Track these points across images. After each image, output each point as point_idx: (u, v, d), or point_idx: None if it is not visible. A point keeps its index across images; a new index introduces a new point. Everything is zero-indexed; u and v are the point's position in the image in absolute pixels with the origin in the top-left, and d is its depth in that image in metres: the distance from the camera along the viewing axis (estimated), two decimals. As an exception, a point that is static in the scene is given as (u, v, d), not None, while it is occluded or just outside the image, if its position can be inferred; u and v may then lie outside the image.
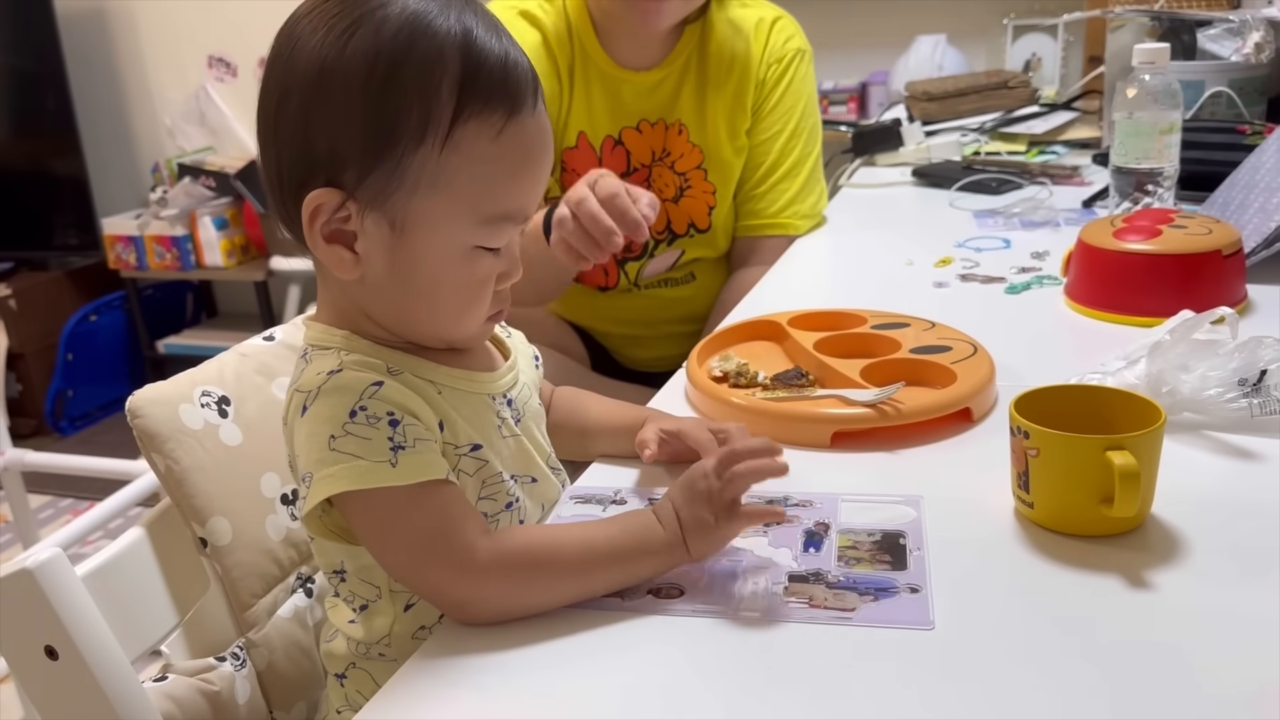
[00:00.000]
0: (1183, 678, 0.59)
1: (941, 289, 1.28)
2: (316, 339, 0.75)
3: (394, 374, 0.71)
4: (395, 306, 0.73)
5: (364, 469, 0.66)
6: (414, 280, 0.72)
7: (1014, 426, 0.74)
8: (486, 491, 0.75)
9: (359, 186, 0.68)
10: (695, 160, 1.46)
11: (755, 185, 1.50)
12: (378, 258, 0.71)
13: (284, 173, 0.71)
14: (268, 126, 0.71)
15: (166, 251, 3.32)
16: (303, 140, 0.69)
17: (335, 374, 0.69)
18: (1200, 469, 0.82)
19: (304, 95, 0.68)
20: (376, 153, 0.68)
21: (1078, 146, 1.95)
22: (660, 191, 1.46)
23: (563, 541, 0.69)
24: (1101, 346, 0.99)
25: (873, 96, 2.75)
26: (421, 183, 0.69)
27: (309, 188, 0.69)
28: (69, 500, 2.80)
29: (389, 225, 0.70)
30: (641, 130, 1.44)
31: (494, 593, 0.67)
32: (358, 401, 0.68)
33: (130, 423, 0.78)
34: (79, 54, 3.40)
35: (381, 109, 0.67)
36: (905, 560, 0.71)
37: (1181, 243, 1.11)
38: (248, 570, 0.81)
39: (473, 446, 0.74)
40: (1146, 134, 1.32)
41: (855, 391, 0.93)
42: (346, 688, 0.77)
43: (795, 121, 1.49)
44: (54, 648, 0.68)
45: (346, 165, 0.68)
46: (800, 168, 1.51)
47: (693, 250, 1.51)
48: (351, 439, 0.67)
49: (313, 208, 0.69)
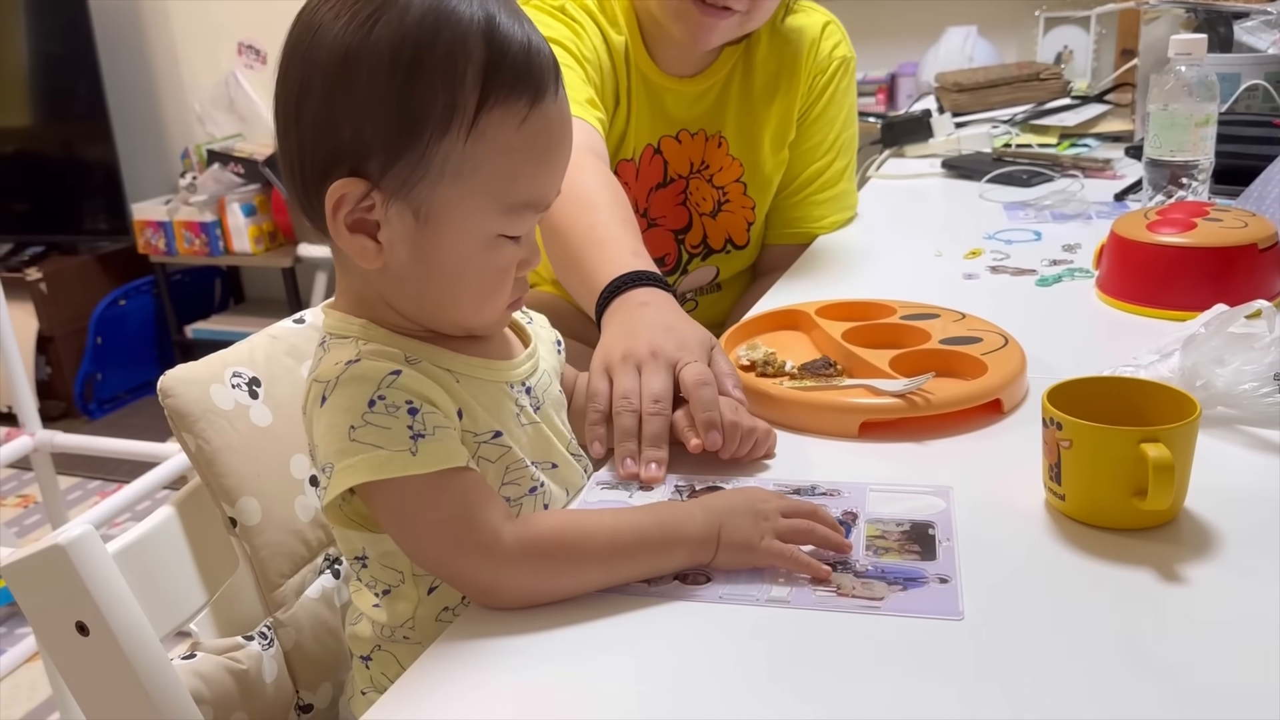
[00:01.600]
0: (1215, 672, 0.58)
1: (971, 281, 1.27)
2: (335, 327, 0.75)
3: (411, 363, 0.71)
4: (417, 295, 0.73)
5: (384, 458, 0.66)
6: (437, 269, 0.71)
7: (1047, 418, 0.73)
8: (510, 477, 0.75)
9: (384, 176, 0.68)
10: (734, 174, 1.42)
11: (792, 194, 1.47)
12: (401, 247, 0.70)
13: (305, 162, 0.70)
14: (288, 116, 0.70)
15: (195, 237, 3.34)
16: (325, 129, 0.68)
17: (353, 364, 0.69)
18: (1234, 464, 0.81)
19: (327, 84, 0.67)
20: (402, 142, 0.67)
21: (1110, 140, 1.93)
22: (697, 205, 1.42)
23: (591, 528, 0.69)
24: (1134, 340, 0.97)
25: (902, 88, 2.73)
26: (446, 172, 0.68)
27: (332, 177, 0.68)
28: (97, 482, 2.83)
29: (413, 215, 0.69)
30: (681, 140, 1.40)
31: (520, 578, 0.67)
32: (376, 391, 0.68)
33: (161, 402, 0.79)
34: (110, 41, 3.42)
35: (407, 97, 0.67)
36: (934, 550, 0.71)
37: (1217, 236, 1.09)
38: (276, 550, 0.82)
39: (494, 434, 0.74)
40: (1182, 126, 1.30)
41: (884, 381, 0.92)
42: (371, 669, 0.78)
43: (836, 132, 1.45)
44: (85, 623, 0.69)
45: (371, 154, 0.68)
46: (839, 180, 1.48)
47: (728, 267, 1.48)
48: (371, 429, 0.67)
49: (337, 197, 0.68)
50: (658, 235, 1.43)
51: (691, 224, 1.43)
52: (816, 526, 0.71)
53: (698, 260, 1.46)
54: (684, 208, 1.43)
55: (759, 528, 0.70)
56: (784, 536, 0.70)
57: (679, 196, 1.42)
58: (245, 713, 0.79)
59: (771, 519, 0.71)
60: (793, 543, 0.70)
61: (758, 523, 0.70)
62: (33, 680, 2.02)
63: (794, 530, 0.70)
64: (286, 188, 0.74)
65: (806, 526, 0.71)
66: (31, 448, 1.98)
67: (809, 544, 0.70)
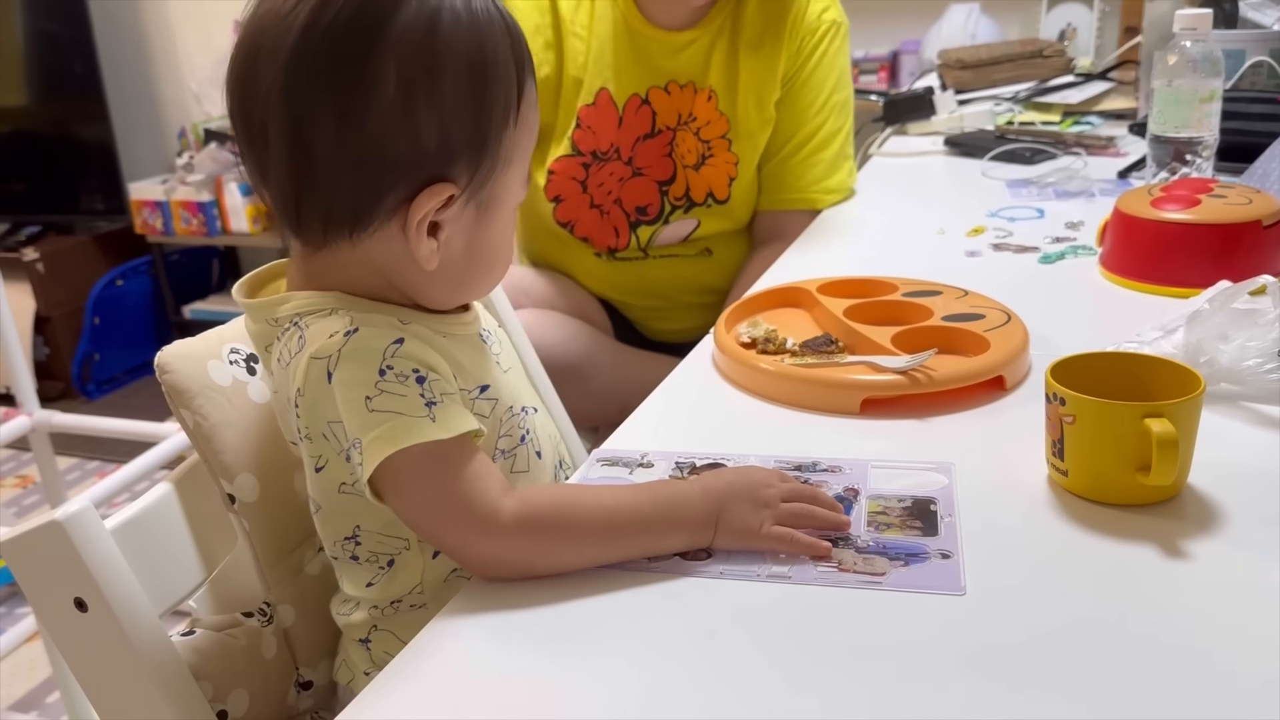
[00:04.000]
0: (1218, 647, 0.58)
1: (974, 258, 1.26)
2: (305, 306, 0.72)
3: (405, 324, 0.71)
4: (454, 284, 0.74)
5: (409, 424, 0.66)
6: (485, 252, 0.74)
7: (1050, 393, 0.73)
8: (504, 429, 0.76)
9: (472, 178, 0.70)
10: (721, 129, 1.44)
11: (785, 158, 1.48)
12: (458, 241, 0.72)
13: (364, 170, 0.67)
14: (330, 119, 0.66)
15: (193, 217, 3.33)
16: (401, 134, 0.67)
17: (352, 334, 0.68)
18: (1238, 440, 0.81)
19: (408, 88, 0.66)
20: (485, 143, 0.70)
21: (1113, 117, 1.92)
22: (682, 157, 1.44)
23: (589, 506, 0.69)
24: (1137, 317, 0.97)
25: (904, 65, 2.71)
26: (503, 161, 0.72)
27: (408, 184, 0.68)
28: (96, 463, 2.83)
29: (476, 208, 0.71)
30: (670, 92, 1.42)
31: (516, 552, 0.67)
32: (384, 361, 0.67)
33: (159, 378, 0.78)
34: (106, 19, 3.40)
35: (485, 99, 0.69)
36: (936, 526, 0.71)
37: (1221, 212, 1.09)
38: (275, 527, 0.81)
39: (481, 388, 0.74)
40: (1186, 102, 1.29)
41: (886, 358, 0.91)
42: (372, 650, 0.77)
43: (827, 95, 1.46)
44: (83, 599, 0.69)
45: (457, 159, 0.69)
46: (830, 142, 1.48)
47: (710, 223, 1.48)
48: (388, 396, 0.67)
49: (425, 208, 0.69)
50: (642, 184, 1.45)
51: (675, 176, 1.45)
52: (816, 510, 0.71)
53: (679, 212, 1.47)
54: (669, 159, 1.45)
55: (759, 514, 0.69)
56: (783, 521, 0.70)
57: (665, 148, 1.44)
58: (245, 689, 0.78)
59: (772, 505, 0.70)
60: (793, 526, 0.69)
61: (757, 509, 0.70)
62: (33, 659, 2.02)
63: (794, 515, 0.70)
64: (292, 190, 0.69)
65: (806, 510, 0.71)
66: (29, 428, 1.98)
67: (809, 527, 0.70)
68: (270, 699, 0.81)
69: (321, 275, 0.73)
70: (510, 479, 0.76)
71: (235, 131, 0.71)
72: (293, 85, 0.66)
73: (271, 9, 0.68)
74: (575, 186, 1.45)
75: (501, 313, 0.99)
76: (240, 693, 0.78)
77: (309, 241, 0.72)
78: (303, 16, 0.66)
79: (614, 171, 1.44)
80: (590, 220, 1.47)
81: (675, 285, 1.52)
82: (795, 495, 0.71)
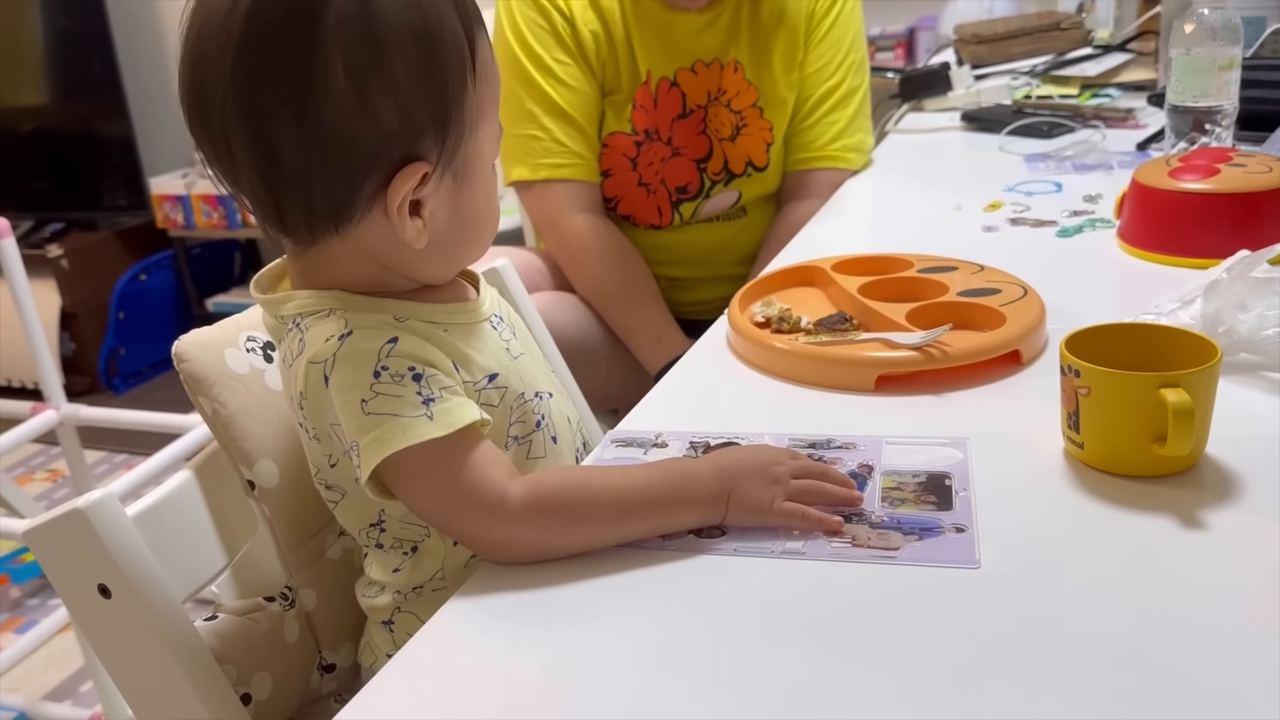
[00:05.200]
0: (1236, 619, 0.58)
1: (991, 233, 1.25)
2: (304, 307, 0.72)
3: (401, 321, 0.71)
4: (448, 254, 0.74)
5: (405, 425, 0.66)
6: (469, 218, 0.73)
7: (1064, 365, 0.73)
8: (516, 416, 0.75)
9: (442, 151, 0.69)
10: (751, 98, 1.45)
11: (804, 118, 1.50)
12: (442, 213, 0.71)
13: (333, 166, 0.66)
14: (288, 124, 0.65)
15: (213, 210, 3.35)
16: (362, 123, 0.66)
17: (346, 337, 0.68)
18: (1257, 410, 0.80)
19: (355, 68, 0.64)
20: (447, 112, 0.68)
21: (1132, 89, 1.89)
22: (717, 131, 1.46)
23: (598, 488, 0.69)
24: (1156, 289, 0.96)
25: (920, 42, 2.69)
26: (470, 124, 0.70)
27: (380, 170, 0.67)
28: (123, 456, 2.85)
29: (453, 177, 0.71)
30: (697, 72, 1.44)
31: (528, 535, 0.67)
32: (378, 362, 0.67)
33: (176, 367, 0.79)
34: (124, 16, 3.41)
35: (435, 67, 0.67)
36: (951, 501, 0.70)
37: (1241, 181, 1.07)
38: (295, 512, 0.82)
39: (489, 377, 0.74)
40: (1205, 70, 1.27)
41: (901, 335, 0.91)
42: (395, 632, 0.78)
43: (844, 54, 1.48)
44: (107, 586, 0.70)
45: (423, 134, 0.68)
46: (849, 100, 1.50)
47: (750, 190, 1.51)
48: (383, 399, 0.67)
49: (402, 191, 0.68)
50: (680, 164, 1.48)
51: (712, 152, 1.48)
52: (826, 486, 0.71)
53: (720, 185, 1.49)
54: (704, 136, 1.47)
55: (769, 491, 0.69)
56: (794, 497, 0.69)
57: (699, 125, 1.46)
58: (268, 672, 0.79)
59: (783, 481, 0.70)
60: (804, 503, 0.69)
61: (768, 486, 0.70)
62: (66, 650, 2.05)
63: (804, 491, 0.70)
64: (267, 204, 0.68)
65: (817, 487, 0.70)
66: (57, 421, 2.00)
67: (820, 504, 0.70)
68: (293, 682, 0.82)
69: (319, 271, 0.73)
70: (526, 465, 0.76)
71: (198, 144, 0.69)
72: (244, 96, 0.65)
73: (208, 16, 0.66)
74: (626, 163, 1.47)
75: (516, 297, 0.99)
76: (263, 676, 0.79)
77: (298, 240, 0.72)
78: (238, 23, 0.64)
79: (659, 152, 1.46)
80: (636, 198, 1.49)
81: (709, 254, 1.54)
82: (806, 472, 0.71)
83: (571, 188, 1.43)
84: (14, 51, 3.48)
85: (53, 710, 1.91)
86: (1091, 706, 0.52)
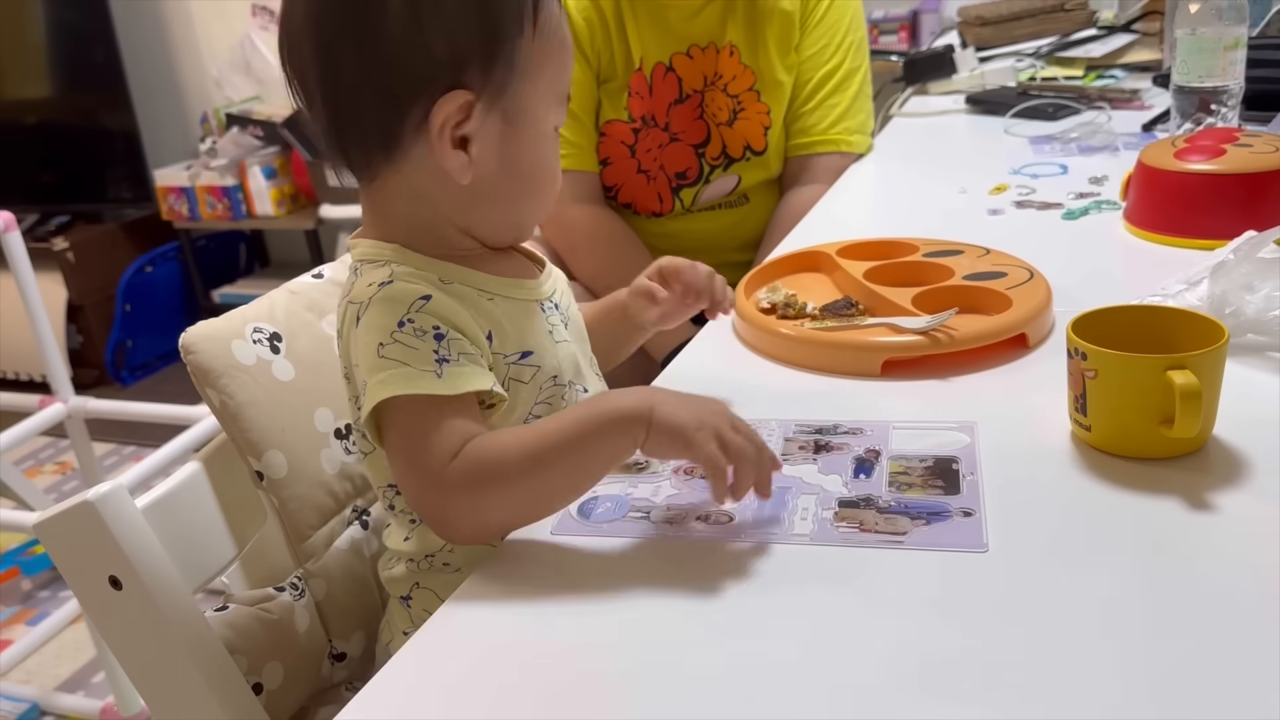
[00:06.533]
0: (1245, 600, 0.58)
1: (996, 216, 1.25)
2: (366, 254, 0.75)
3: (445, 284, 0.72)
4: (500, 204, 0.75)
5: (412, 375, 0.67)
6: (520, 170, 0.74)
7: (1071, 348, 0.72)
8: (543, 396, 0.76)
9: (486, 84, 0.70)
10: (748, 82, 1.45)
11: (804, 102, 1.49)
12: (490, 156, 0.73)
13: (383, 86, 0.69)
14: (352, 35, 0.69)
15: (218, 202, 3.35)
16: (412, 47, 0.69)
17: (386, 285, 0.70)
18: (1265, 391, 0.80)
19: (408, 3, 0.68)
20: (495, 47, 0.70)
21: (1137, 70, 1.88)
22: (714, 116, 1.46)
23: (505, 443, 0.67)
24: (1162, 270, 0.96)
25: (924, 25, 2.67)
26: (527, 71, 0.71)
27: (428, 95, 0.69)
28: (132, 448, 2.86)
29: (502, 119, 0.72)
30: (692, 56, 1.43)
31: (459, 508, 0.67)
32: (406, 314, 0.69)
33: (184, 359, 0.79)
34: (126, 8, 3.41)
35: (491, 2, 0.69)
36: (958, 485, 0.70)
37: (1247, 161, 1.07)
38: (304, 503, 0.82)
39: (522, 354, 0.74)
40: (1210, 50, 1.27)
41: (907, 319, 0.91)
42: (412, 608, 0.78)
43: (842, 35, 1.47)
44: (117, 578, 0.70)
45: (468, 64, 0.70)
46: (849, 83, 1.49)
47: (749, 175, 1.50)
48: (399, 346, 0.68)
49: (445, 113, 0.70)
50: (679, 150, 1.47)
51: (710, 137, 1.47)
52: (763, 460, 0.66)
53: (719, 170, 1.49)
54: (702, 121, 1.47)
55: (699, 417, 0.65)
56: (726, 447, 0.65)
57: (696, 110, 1.46)
58: (279, 662, 0.80)
59: (720, 422, 0.65)
60: (731, 459, 0.65)
61: (699, 414, 0.65)
62: (78, 641, 2.07)
63: (738, 449, 0.65)
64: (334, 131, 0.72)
65: (752, 452, 0.65)
66: (65, 414, 2.00)
67: (743, 469, 0.65)
68: (304, 671, 0.83)
69: (381, 215, 0.76)
70: None
71: (287, 78, 0.73)
72: (318, 16, 0.70)
73: None
74: (624, 151, 1.46)
75: None
76: (274, 665, 0.80)
77: (359, 175, 0.75)
78: None
79: (656, 139, 1.46)
80: (636, 185, 1.49)
81: (712, 242, 1.53)
82: (746, 433, 0.66)
83: (570, 177, 1.42)
84: (17, 45, 3.48)
85: (65, 701, 1.92)
86: (1100, 689, 0.52)
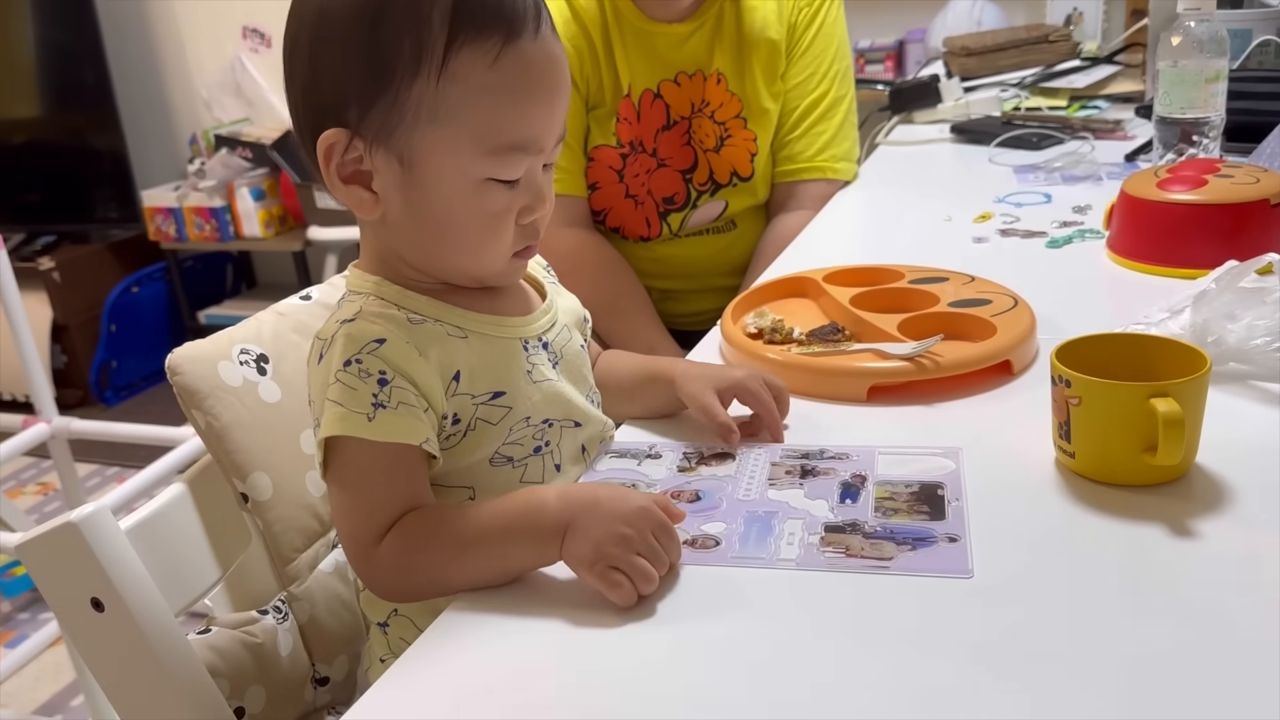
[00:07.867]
0: (1226, 627, 0.58)
1: (981, 244, 1.26)
2: (354, 284, 0.77)
3: (416, 322, 0.72)
4: (417, 244, 0.75)
5: (345, 415, 0.68)
6: (429, 215, 0.73)
7: (1055, 375, 0.73)
8: (512, 437, 0.75)
9: (361, 122, 0.71)
10: (734, 109, 1.46)
11: (790, 130, 1.50)
12: (394, 195, 0.73)
13: (301, 120, 0.74)
14: (288, 77, 0.74)
15: (205, 223, 3.35)
16: (312, 85, 0.72)
17: (348, 323, 0.71)
18: (1246, 419, 0.80)
19: (310, 41, 0.71)
20: (375, 88, 0.70)
21: (1120, 101, 1.91)
22: (701, 142, 1.47)
23: (437, 522, 0.68)
24: (1145, 299, 0.97)
25: (910, 54, 2.70)
26: (422, 115, 0.70)
27: (321, 130, 0.71)
28: (115, 469, 2.85)
29: (398, 161, 0.71)
30: (680, 83, 1.44)
31: (384, 575, 0.69)
32: (356, 353, 0.70)
33: (170, 379, 0.79)
34: (115, 28, 3.42)
35: (375, 44, 0.69)
36: (944, 510, 0.71)
37: (1228, 192, 1.08)
38: (289, 525, 0.82)
39: (493, 394, 0.74)
40: (1192, 82, 1.28)
41: (892, 345, 0.92)
42: (390, 635, 0.78)
43: (828, 64, 1.49)
44: (100, 600, 0.70)
45: (349, 104, 0.71)
46: (835, 110, 1.50)
47: (736, 201, 1.51)
48: (339, 386, 0.69)
49: (325, 148, 0.71)
50: (667, 175, 1.48)
51: (697, 163, 1.48)
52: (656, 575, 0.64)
53: (706, 196, 1.50)
54: (689, 147, 1.48)
55: (599, 550, 0.63)
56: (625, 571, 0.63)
57: (683, 137, 1.47)
58: (261, 685, 0.79)
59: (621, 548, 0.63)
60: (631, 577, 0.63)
61: (600, 546, 0.63)
62: (57, 664, 2.04)
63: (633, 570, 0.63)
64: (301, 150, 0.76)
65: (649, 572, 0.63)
66: (48, 434, 1.99)
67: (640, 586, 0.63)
68: (287, 695, 0.82)
69: (366, 245, 0.78)
70: (516, 488, 0.74)
71: None
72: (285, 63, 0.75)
73: None
74: (613, 176, 1.47)
75: None
76: (257, 689, 0.79)
77: None
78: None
79: (644, 164, 1.47)
80: (624, 210, 1.49)
81: (699, 266, 1.54)
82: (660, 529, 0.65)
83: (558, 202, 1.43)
84: (6, 64, 3.48)
85: (43, 725, 1.90)
86: (1083, 714, 0.52)
